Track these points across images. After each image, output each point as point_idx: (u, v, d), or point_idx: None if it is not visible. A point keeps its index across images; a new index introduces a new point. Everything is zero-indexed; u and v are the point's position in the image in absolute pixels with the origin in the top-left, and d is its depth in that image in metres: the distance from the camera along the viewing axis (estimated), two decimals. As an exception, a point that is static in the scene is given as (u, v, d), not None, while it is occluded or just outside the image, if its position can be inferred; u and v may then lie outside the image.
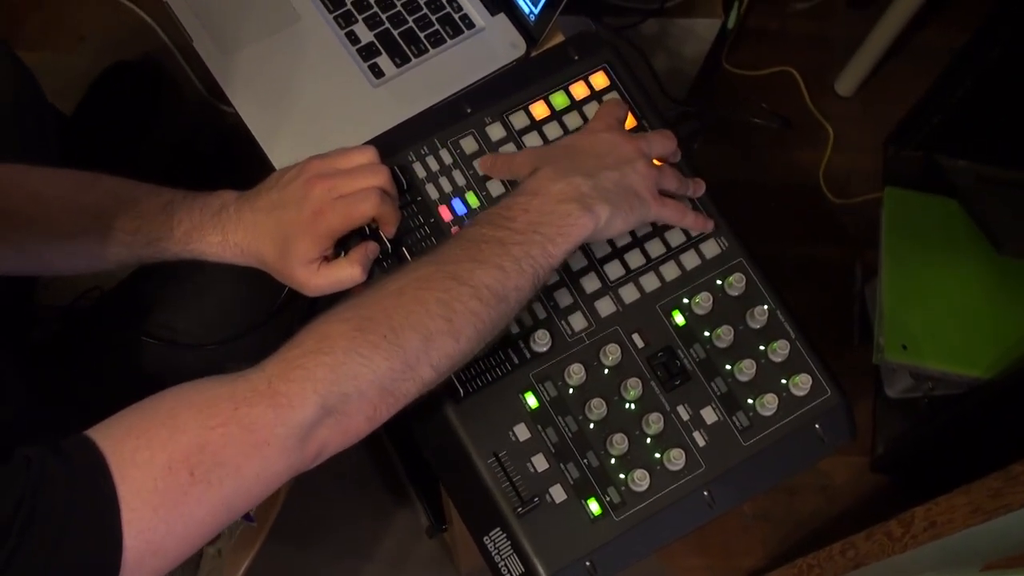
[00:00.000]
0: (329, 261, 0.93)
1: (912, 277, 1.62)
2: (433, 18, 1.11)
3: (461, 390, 0.92)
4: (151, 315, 1.12)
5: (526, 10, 1.09)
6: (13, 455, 0.65)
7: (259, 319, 1.12)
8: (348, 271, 0.92)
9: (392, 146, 1.00)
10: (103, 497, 0.65)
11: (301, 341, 0.77)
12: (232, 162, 1.76)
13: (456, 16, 1.11)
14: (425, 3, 1.11)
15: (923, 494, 1.13)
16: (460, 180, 0.99)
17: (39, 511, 0.63)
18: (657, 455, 0.91)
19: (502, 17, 1.12)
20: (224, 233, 0.93)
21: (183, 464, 0.69)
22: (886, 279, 1.61)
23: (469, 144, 1.01)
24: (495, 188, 0.99)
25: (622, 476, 0.90)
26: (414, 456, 1.54)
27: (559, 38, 1.11)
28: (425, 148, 1.00)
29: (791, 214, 1.90)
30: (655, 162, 0.96)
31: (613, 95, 1.03)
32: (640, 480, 0.89)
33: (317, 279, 0.92)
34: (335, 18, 1.10)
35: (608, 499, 0.90)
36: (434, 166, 1.00)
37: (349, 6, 1.10)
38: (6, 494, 0.62)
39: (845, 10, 2.11)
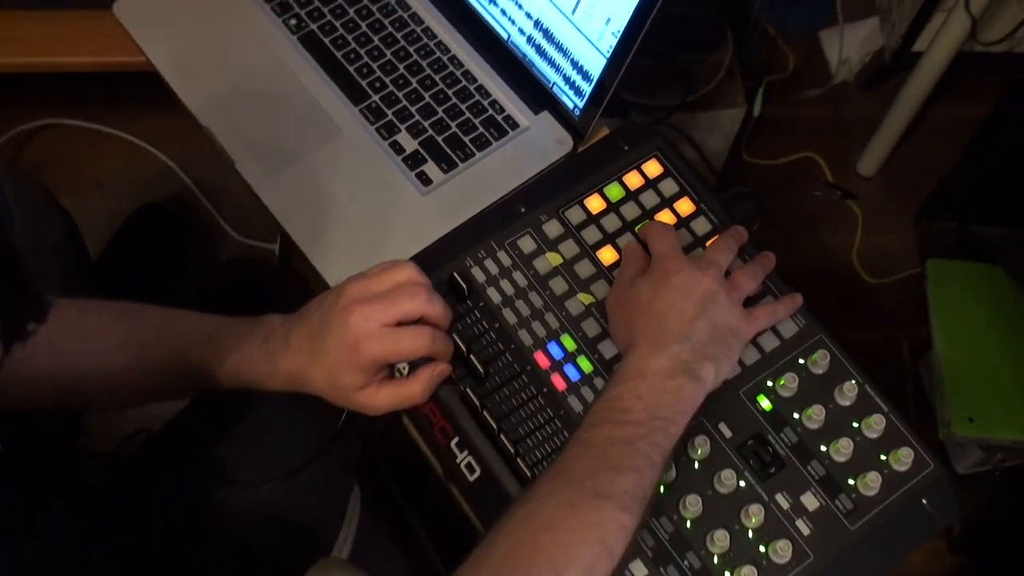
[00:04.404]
0: (389, 379, 0.90)
1: (967, 347, 1.58)
2: (476, 121, 1.09)
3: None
4: (205, 455, 1.08)
5: (570, 105, 1.08)
6: None
7: (319, 445, 1.08)
8: (409, 391, 0.90)
9: (448, 252, 0.98)
10: None
11: None
12: (263, 301, 1.73)
13: (499, 118, 1.10)
14: (467, 107, 1.10)
15: (1007, 572, 1.07)
16: (521, 281, 0.97)
17: None
18: (762, 549, 0.86)
19: (546, 115, 1.11)
20: (273, 363, 0.90)
21: None
22: (941, 352, 1.57)
23: (527, 243, 0.99)
24: (558, 286, 0.97)
25: (728, 575, 0.85)
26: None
27: (603, 131, 1.10)
28: (482, 251, 0.98)
29: (827, 299, 1.87)
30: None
31: (654, 221, 0.99)
32: (747, 577, 0.84)
33: (376, 400, 0.89)
34: (377, 129, 1.08)
35: (715, 601, 0.85)
36: (493, 269, 0.97)
37: (391, 116, 1.09)
38: None
39: (856, 92, 2.12)
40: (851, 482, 0.89)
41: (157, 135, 1.85)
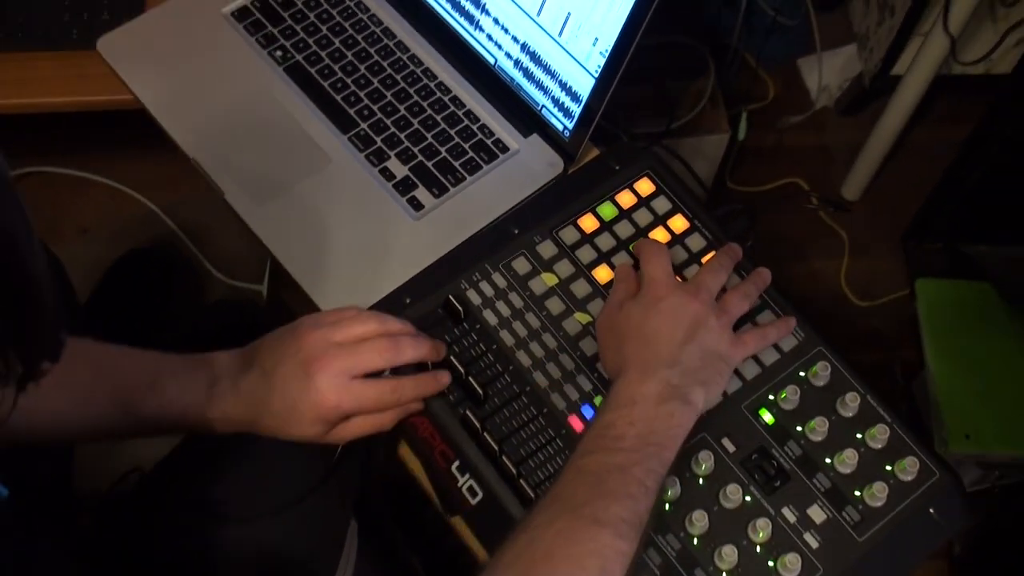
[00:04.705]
0: None
1: (961, 365, 1.57)
2: (466, 146, 1.09)
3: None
4: (199, 493, 1.07)
5: (560, 127, 1.07)
6: None
7: (315, 480, 1.06)
8: (378, 422, 0.89)
9: (442, 276, 0.98)
10: None
11: None
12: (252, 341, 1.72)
13: (489, 141, 1.09)
14: (456, 132, 1.10)
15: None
16: (517, 302, 0.96)
17: None
18: (771, 563, 0.85)
19: (535, 138, 1.11)
20: (224, 410, 0.88)
21: None
22: (935, 371, 1.57)
23: (521, 265, 0.98)
24: (555, 306, 0.96)
25: (737, 591, 0.84)
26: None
27: (593, 153, 1.10)
28: (477, 274, 0.98)
29: (817, 324, 1.87)
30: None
31: (645, 239, 1.00)
32: (757, 592, 0.83)
33: (346, 434, 0.88)
34: (366, 156, 1.08)
35: (726, 618, 0.83)
36: (489, 291, 0.97)
37: (380, 143, 1.08)
38: None
39: (837, 118, 2.13)
40: (857, 493, 0.88)
41: (140, 180, 1.85)
